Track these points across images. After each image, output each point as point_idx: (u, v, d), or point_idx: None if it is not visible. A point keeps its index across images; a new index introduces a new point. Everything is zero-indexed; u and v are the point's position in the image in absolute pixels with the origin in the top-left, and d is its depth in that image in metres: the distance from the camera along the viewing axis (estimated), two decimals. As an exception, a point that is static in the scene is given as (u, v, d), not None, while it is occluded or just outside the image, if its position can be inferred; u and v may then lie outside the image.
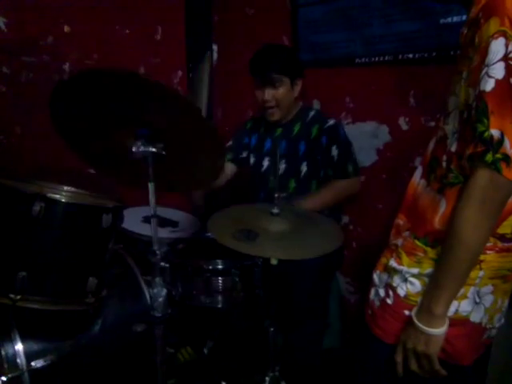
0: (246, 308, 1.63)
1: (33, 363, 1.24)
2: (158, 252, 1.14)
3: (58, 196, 1.11)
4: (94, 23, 2.16)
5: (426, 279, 0.93)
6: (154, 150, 1.13)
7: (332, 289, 2.04)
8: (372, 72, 1.93)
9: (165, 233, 1.84)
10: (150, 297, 1.22)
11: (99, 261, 1.25)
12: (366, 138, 1.99)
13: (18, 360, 1.23)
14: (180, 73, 2.52)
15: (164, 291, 1.16)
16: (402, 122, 1.87)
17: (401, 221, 1.05)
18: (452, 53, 1.62)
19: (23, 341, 1.26)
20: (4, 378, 1.21)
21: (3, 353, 1.23)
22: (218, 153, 1.22)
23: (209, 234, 1.70)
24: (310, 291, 1.71)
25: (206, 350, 1.68)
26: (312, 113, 1.85)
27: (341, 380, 1.71)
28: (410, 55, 1.75)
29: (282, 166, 1.81)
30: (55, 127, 1.28)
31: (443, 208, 0.91)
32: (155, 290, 1.16)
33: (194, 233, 1.88)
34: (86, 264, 1.20)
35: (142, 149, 1.12)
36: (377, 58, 1.86)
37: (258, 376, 1.46)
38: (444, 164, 0.92)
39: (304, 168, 1.78)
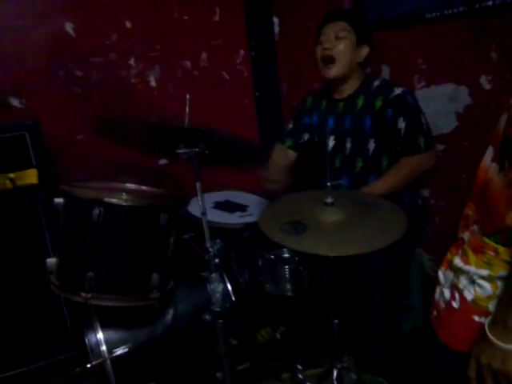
0: (314, 296, 1.58)
1: (114, 351, 1.34)
2: (210, 249, 1.14)
3: (114, 200, 1.16)
4: (152, 14, 2.19)
5: (499, 283, 0.80)
6: (196, 149, 1.11)
7: (413, 267, 1.90)
8: (445, 27, 1.69)
9: (233, 218, 1.84)
10: (208, 293, 1.23)
11: (161, 257, 1.29)
12: (444, 101, 1.78)
13: (101, 348, 1.34)
14: (242, 52, 2.47)
15: (221, 286, 1.17)
16: (484, 81, 1.63)
17: (470, 211, 0.90)
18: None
19: (104, 330, 1.36)
20: (89, 365, 1.33)
21: (87, 342, 1.36)
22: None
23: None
24: (383, 274, 1.61)
25: (278, 335, 1.69)
26: (377, 83, 1.67)
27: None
28: (489, 2, 1.48)
29: (348, 145, 1.68)
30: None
31: None
32: (212, 286, 1.17)
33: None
34: (147, 261, 1.25)
35: (184, 150, 1.11)
36: (449, 11, 1.62)
37: (327, 365, 1.43)
38: None
39: (372, 145, 1.63)
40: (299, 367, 1.68)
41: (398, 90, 1.58)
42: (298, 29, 2.38)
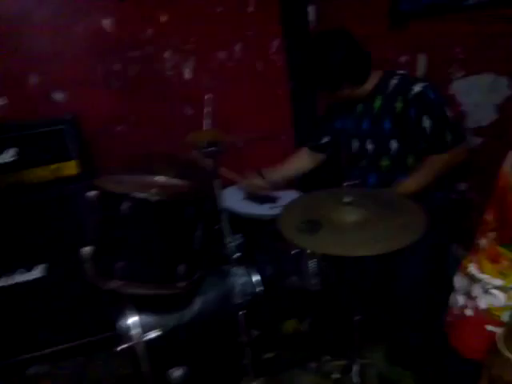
0: (338, 291, 1.59)
1: (146, 334, 1.43)
2: (230, 244, 1.18)
3: (142, 195, 1.22)
4: (186, 8, 2.22)
5: None
6: (214, 149, 1.15)
7: (452, 264, 1.86)
8: (483, 15, 1.59)
9: (262, 210, 1.87)
10: (230, 286, 1.28)
11: (187, 249, 1.34)
12: (483, 92, 1.69)
13: (135, 331, 1.42)
14: (276, 42, 2.45)
15: (242, 279, 1.20)
16: (525, 72, 1.53)
17: (489, 216, 0.88)
18: None
19: (138, 314, 1.45)
20: (124, 347, 1.42)
21: (122, 325, 1.45)
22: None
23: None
24: (418, 269, 1.59)
25: (304, 326, 1.71)
26: (394, 81, 1.58)
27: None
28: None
29: (370, 147, 1.64)
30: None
31: None
32: (233, 279, 1.21)
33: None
34: (173, 253, 1.31)
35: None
36: (488, -2, 1.52)
37: (350, 358, 1.45)
38: None
39: (394, 145, 1.58)
40: (325, 358, 1.71)
41: (417, 88, 1.50)
42: (333, 17, 2.33)
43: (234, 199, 1.92)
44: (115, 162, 2.08)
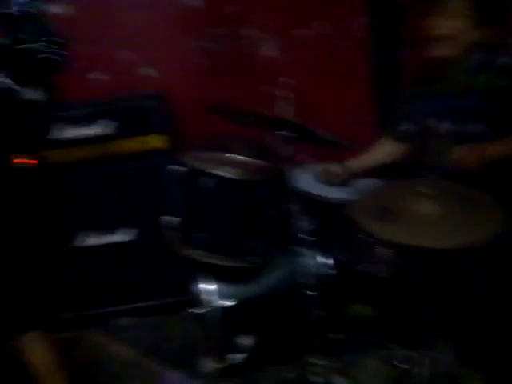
0: (408, 282, 1.55)
1: (222, 302, 1.52)
2: (303, 227, 1.20)
3: (220, 173, 1.29)
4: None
5: None
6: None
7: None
8: None
9: (335, 193, 1.85)
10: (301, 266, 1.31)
11: (262, 227, 1.40)
12: None
13: (211, 297, 1.53)
14: (361, 19, 2.35)
15: (312, 261, 1.23)
16: None
17: None
18: None
19: (214, 282, 1.55)
20: (201, 311, 1.54)
21: (199, 290, 1.56)
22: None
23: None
24: (495, 269, 1.49)
25: (373, 312, 1.71)
26: (503, 59, 1.45)
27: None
28: None
29: (466, 129, 1.53)
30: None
31: None
32: (304, 261, 1.24)
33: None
34: (249, 229, 1.37)
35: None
36: None
37: (421, 351, 1.42)
38: None
39: (478, 127, 1.47)
40: (393, 346, 1.70)
41: (505, 59, 1.38)
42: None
43: (307, 180, 1.91)
44: (199, 138, 2.18)
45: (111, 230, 2.04)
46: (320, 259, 1.42)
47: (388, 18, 2.34)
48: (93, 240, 2.04)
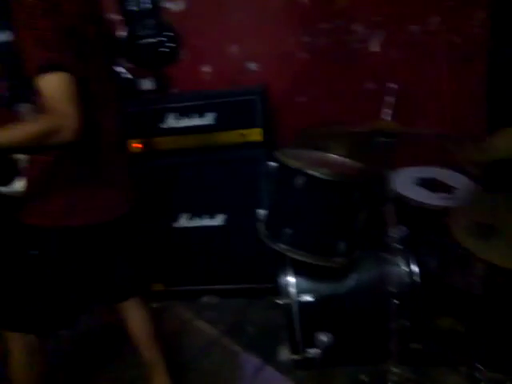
0: (502, 302, 1.45)
1: (301, 295, 1.57)
2: (392, 233, 1.18)
3: (314, 173, 1.31)
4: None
5: None
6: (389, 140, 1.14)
7: None
8: None
9: (434, 199, 1.77)
10: (386, 273, 1.29)
11: (349, 228, 1.40)
12: None
13: (291, 290, 1.58)
14: (482, 13, 2.17)
15: (399, 269, 1.21)
16: None
17: None
18: None
19: (296, 276, 1.59)
20: (280, 302, 1.59)
21: (281, 282, 1.62)
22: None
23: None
24: None
25: (461, 328, 1.63)
26: None
27: None
28: None
29: None
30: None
31: None
32: (390, 268, 1.22)
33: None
34: (336, 230, 1.39)
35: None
36: None
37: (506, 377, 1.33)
38: None
39: None
40: (478, 366, 1.60)
41: None
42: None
43: (405, 184, 1.86)
44: (294, 132, 2.22)
45: (206, 213, 2.17)
46: (407, 267, 1.38)
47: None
48: (190, 222, 2.20)
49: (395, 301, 1.28)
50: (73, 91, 1.06)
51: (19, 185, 1.68)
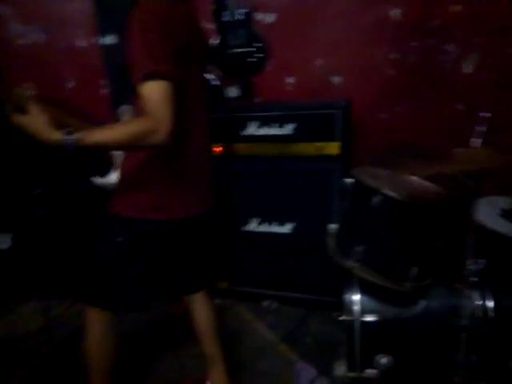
0: None
1: (364, 315, 1.55)
2: (469, 265, 1.14)
3: (392, 193, 1.30)
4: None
5: None
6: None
7: None
8: None
9: None
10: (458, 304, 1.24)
11: (424, 254, 1.37)
12: None
13: (355, 308, 1.57)
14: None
15: (474, 303, 1.16)
16: None
17: None
18: None
19: (361, 294, 1.58)
20: (341, 318, 1.59)
21: (345, 299, 1.61)
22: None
23: None
24: None
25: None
26: None
27: None
28: None
29: None
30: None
31: None
32: (463, 300, 1.18)
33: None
34: (410, 254, 1.36)
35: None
36: None
37: None
38: None
39: None
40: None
41: None
42: None
43: (487, 213, 1.77)
44: (373, 149, 2.20)
45: (276, 220, 2.22)
46: (481, 301, 1.32)
47: None
48: (259, 226, 2.26)
49: (464, 333, 1.23)
50: (171, 98, 1.16)
51: (114, 177, 1.85)
